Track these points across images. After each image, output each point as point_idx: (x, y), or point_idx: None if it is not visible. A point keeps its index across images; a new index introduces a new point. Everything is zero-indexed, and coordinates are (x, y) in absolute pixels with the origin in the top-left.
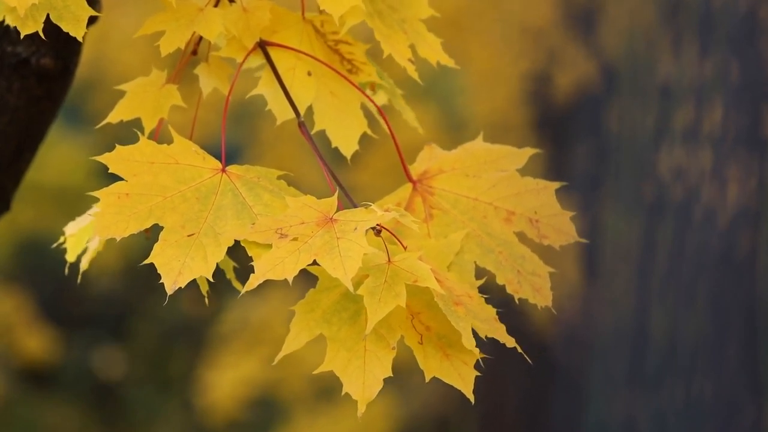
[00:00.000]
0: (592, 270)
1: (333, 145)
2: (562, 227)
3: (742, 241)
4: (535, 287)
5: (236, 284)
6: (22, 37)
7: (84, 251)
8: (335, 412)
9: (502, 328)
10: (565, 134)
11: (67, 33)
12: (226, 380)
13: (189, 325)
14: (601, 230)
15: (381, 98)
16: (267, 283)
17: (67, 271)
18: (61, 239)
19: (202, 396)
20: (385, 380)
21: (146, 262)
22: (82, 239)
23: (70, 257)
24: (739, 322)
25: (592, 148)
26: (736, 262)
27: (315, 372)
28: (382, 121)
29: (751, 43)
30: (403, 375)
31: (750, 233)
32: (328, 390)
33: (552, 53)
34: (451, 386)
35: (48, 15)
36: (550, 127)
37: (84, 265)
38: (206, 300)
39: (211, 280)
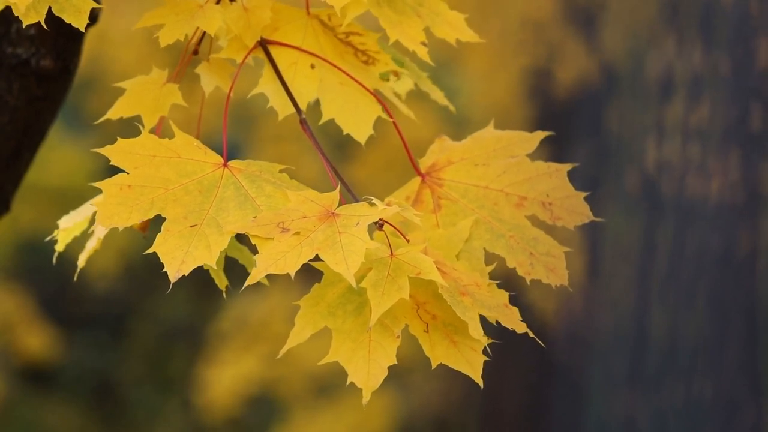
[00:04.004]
0: (592, 270)
1: (344, 132)
2: (575, 208)
3: (742, 241)
4: (549, 267)
5: (263, 280)
6: (24, 25)
7: (76, 244)
8: (334, 410)
9: (513, 314)
10: (565, 134)
11: (67, 34)
12: (226, 378)
13: (188, 325)
14: (601, 230)
15: (407, 83)
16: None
17: (54, 260)
18: (55, 233)
19: (201, 394)
20: (385, 379)
21: (149, 251)
22: (73, 231)
23: (59, 247)
24: (739, 322)
25: (592, 148)
26: (736, 262)
27: (320, 363)
28: (396, 122)
29: (752, 42)
30: (403, 374)
31: (750, 233)
32: (327, 388)
33: (552, 49)
34: (451, 385)
35: (50, 8)
36: (551, 125)
37: (81, 263)
38: (224, 294)
39: (215, 267)
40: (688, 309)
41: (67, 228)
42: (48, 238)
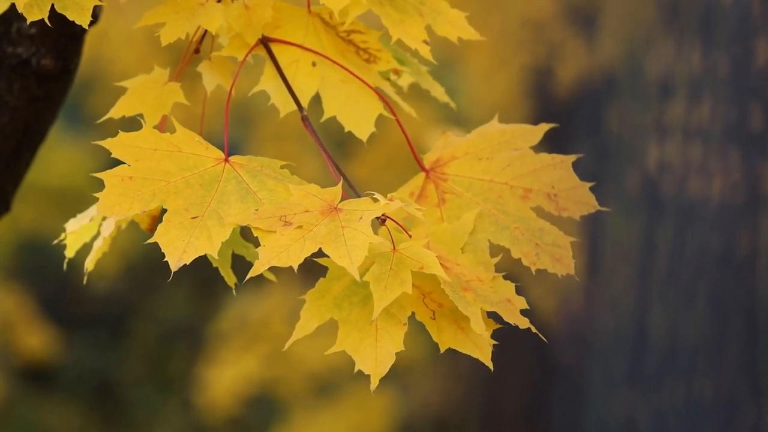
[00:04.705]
0: (592, 270)
1: (346, 130)
2: (581, 198)
3: (742, 241)
4: (555, 257)
5: (268, 275)
6: (28, 22)
7: (83, 247)
8: (334, 410)
9: (516, 309)
10: (565, 134)
11: (68, 33)
12: (226, 378)
13: (188, 325)
14: (601, 230)
15: (406, 80)
16: (266, 281)
17: (65, 266)
18: (62, 236)
19: (201, 394)
20: (385, 379)
21: (150, 241)
22: (83, 235)
23: (69, 253)
24: (739, 322)
25: (592, 148)
26: (736, 262)
27: (327, 353)
28: (401, 112)
29: (752, 42)
30: (403, 374)
31: (750, 233)
32: (327, 388)
33: (552, 48)
34: (451, 385)
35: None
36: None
37: (89, 265)
38: (234, 291)
39: (216, 257)
40: (688, 309)
41: (74, 231)
42: (56, 241)
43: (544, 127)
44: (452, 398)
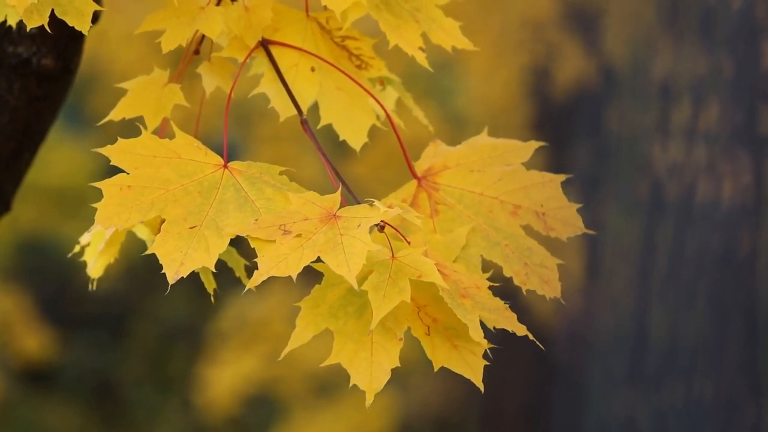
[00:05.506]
0: (592, 270)
1: (341, 139)
2: (569, 219)
3: (742, 241)
4: (543, 279)
5: (247, 283)
6: (28, 29)
7: (86, 251)
8: (334, 410)
9: (513, 317)
10: (565, 134)
11: (68, 34)
12: (225, 378)
13: (188, 325)
14: (601, 230)
15: (391, 94)
16: (266, 281)
17: (92, 286)
18: (77, 248)
19: (201, 394)
20: None
21: (147, 252)
22: (108, 257)
23: (94, 273)
24: (739, 322)
25: (592, 148)
26: (736, 262)
27: (322, 365)
28: (392, 119)
29: (759, 43)
30: (403, 374)
31: (750, 233)
32: (327, 388)
33: (552, 49)
34: (451, 385)
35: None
36: (551, 125)
37: (99, 271)
38: (212, 298)
39: (214, 270)
40: (688, 309)
41: (89, 243)
42: (70, 254)
43: (534, 144)
44: (452, 398)
